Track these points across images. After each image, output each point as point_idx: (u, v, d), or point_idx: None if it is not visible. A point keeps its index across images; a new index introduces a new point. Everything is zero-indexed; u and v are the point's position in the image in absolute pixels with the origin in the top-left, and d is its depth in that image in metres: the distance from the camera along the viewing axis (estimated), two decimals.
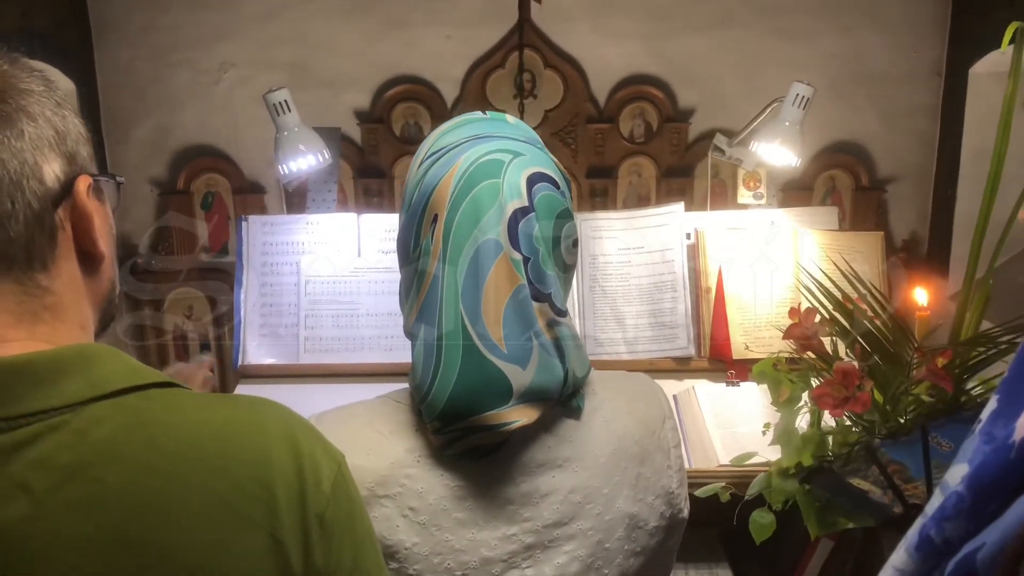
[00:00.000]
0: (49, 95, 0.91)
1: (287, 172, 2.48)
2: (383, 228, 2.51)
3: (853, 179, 2.96)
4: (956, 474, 0.84)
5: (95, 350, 0.89)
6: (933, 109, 2.93)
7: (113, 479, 0.82)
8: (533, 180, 1.17)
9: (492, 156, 1.16)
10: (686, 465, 2.05)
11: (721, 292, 2.40)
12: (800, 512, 1.78)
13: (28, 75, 0.90)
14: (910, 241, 2.96)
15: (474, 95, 2.97)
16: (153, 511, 0.82)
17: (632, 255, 2.47)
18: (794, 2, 2.89)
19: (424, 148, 1.23)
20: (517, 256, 1.14)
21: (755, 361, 1.87)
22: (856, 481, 1.58)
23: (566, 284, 1.25)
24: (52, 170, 0.88)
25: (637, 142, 2.99)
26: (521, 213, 1.14)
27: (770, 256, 2.41)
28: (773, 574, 2.18)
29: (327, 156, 2.53)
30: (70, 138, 0.91)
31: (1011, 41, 1.72)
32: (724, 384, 2.35)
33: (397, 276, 2.36)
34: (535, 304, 1.15)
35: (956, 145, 2.79)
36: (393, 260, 2.42)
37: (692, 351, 2.43)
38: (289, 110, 2.45)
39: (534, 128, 1.32)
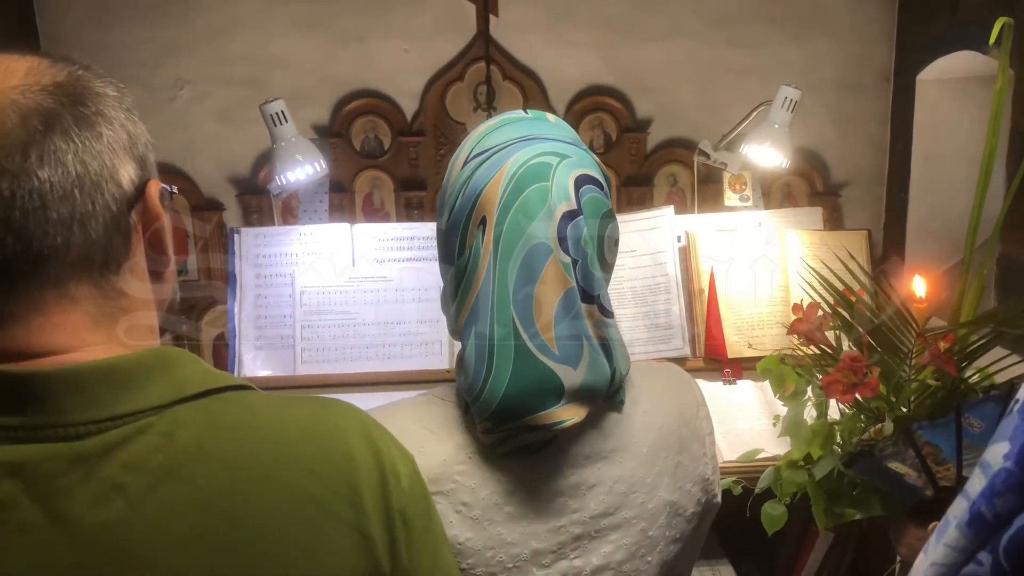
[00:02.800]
0: (121, 99, 0.91)
1: (285, 182, 2.45)
2: (377, 237, 2.50)
3: (808, 185, 3.04)
4: (997, 452, 0.87)
5: (175, 354, 0.89)
6: (883, 115, 3.03)
7: (204, 480, 0.83)
8: (580, 182, 1.18)
9: (540, 159, 1.17)
10: None
11: (714, 292, 2.44)
12: (799, 507, 1.81)
13: (101, 80, 0.91)
14: None
15: (433, 108, 2.97)
16: (246, 511, 0.83)
17: (624, 259, 2.49)
18: (746, 13, 2.96)
19: (466, 148, 1.23)
20: (567, 259, 1.15)
21: (750, 359, 1.89)
22: (894, 465, 1.61)
23: (607, 284, 1.27)
24: (127, 173, 0.88)
25: (597, 152, 3.02)
26: (570, 216, 1.15)
27: (760, 256, 2.45)
28: (773, 569, 2.21)
29: (323, 165, 2.51)
30: (140, 143, 0.92)
31: (999, 37, 1.79)
32: (721, 383, 2.38)
33: (391, 285, 2.45)
34: (584, 306, 1.16)
35: (906, 149, 2.89)
36: (387, 269, 2.44)
37: (687, 351, 2.46)
38: (286, 120, 2.44)
39: None
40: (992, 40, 1.80)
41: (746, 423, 2.14)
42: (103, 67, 2.66)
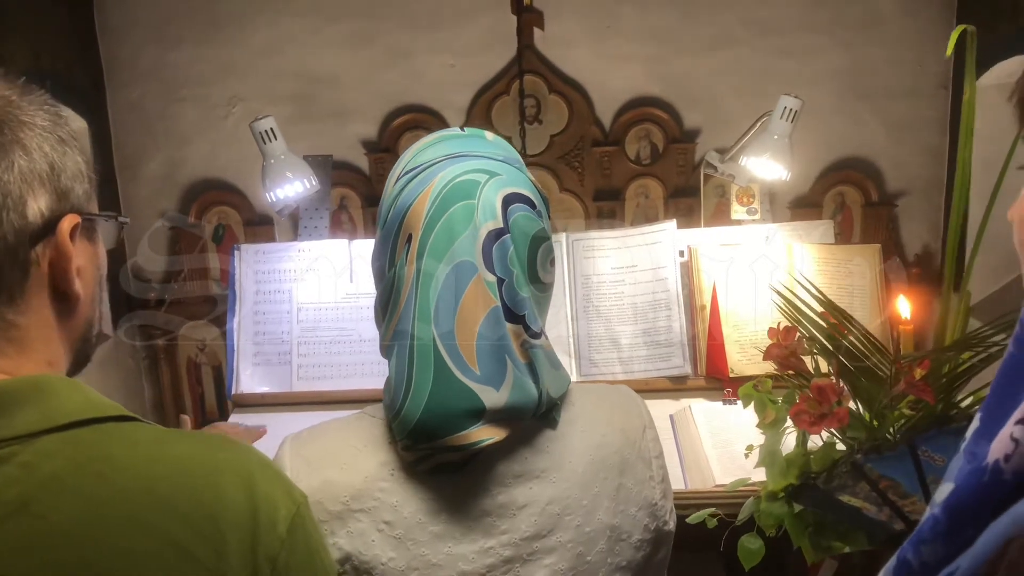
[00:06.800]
0: (53, 130, 0.90)
1: (275, 199, 2.50)
2: None
3: (863, 195, 2.94)
4: (942, 493, 0.82)
5: (50, 381, 0.87)
6: (941, 122, 2.90)
7: (58, 516, 0.80)
8: (509, 201, 1.17)
9: (468, 176, 1.16)
10: (682, 486, 2.04)
11: (716, 309, 2.37)
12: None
13: (36, 108, 0.90)
14: (923, 255, 2.92)
15: (479, 122, 2.99)
16: (97, 550, 0.80)
17: (625, 274, 2.45)
18: (795, 20, 2.88)
19: (400, 165, 1.23)
20: (491, 278, 1.14)
21: (753, 378, 1.83)
22: (846, 498, 1.53)
23: (543, 303, 1.25)
24: (37, 205, 0.87)
25: (644, 164, 2.99)
26: (496, 235, 1.15)
27: (764, 271, 2.38)
28: None
29: (314, 183, 2.55)
30: (65, 175, 0.90)
31: (956, 45, 1.69)
32: (721, 402, 2.31)
33: None
34: (509, 326, 1.15)
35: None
36: None
37: (688, 370, 2.40)
38: (275, 138, 2.48)
39: (540, 153, 1.32)
40: (949, 51, 1.70)
41: (745, 445, 2.06)
42: (162, 87, 2.78)
